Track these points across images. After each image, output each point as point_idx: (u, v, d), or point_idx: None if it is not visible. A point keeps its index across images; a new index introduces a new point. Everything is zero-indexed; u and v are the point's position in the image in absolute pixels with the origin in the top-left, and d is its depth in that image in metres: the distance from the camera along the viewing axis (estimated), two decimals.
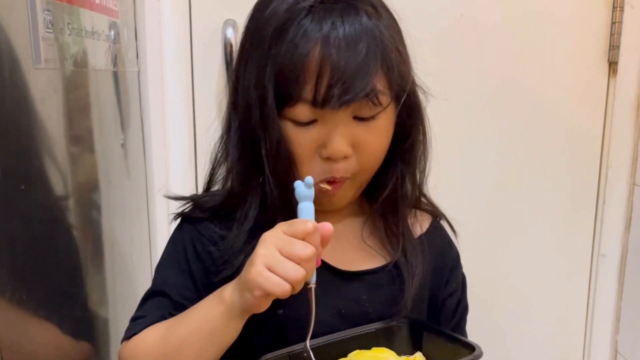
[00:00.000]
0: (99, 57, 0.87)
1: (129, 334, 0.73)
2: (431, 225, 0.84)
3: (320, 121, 0.67)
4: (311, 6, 0.65)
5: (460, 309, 0.85)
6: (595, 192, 1.56)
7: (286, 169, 0.69)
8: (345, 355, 0.71)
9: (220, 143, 0.77)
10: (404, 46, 0.73)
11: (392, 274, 0.77)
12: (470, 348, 0.68)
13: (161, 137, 1.36)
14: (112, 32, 0.95)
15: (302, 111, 0.66)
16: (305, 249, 0.59)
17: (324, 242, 0.62)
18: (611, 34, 1.46)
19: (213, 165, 0.78)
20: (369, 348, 0.72)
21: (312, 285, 0.63)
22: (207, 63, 1.40)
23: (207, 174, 0.80)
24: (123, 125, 1.07)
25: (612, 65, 1.48)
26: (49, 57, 0.67)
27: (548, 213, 1.56)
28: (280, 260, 0.59)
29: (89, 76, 0.84)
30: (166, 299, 0.74)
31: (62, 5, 0.69)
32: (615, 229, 1.54)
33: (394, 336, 0.75)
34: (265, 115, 0.66)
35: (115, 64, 0.98)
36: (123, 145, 1.06)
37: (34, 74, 0.63)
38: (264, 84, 0.66)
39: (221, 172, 0.79)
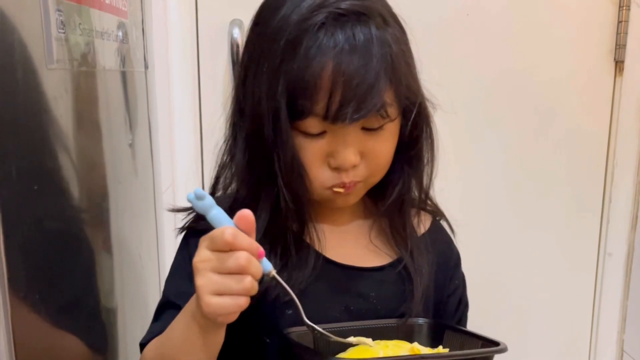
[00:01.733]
0: (108, 57, 0.87)
1: (140, 344, 0.74)
2: (432, 224, 0.85)
3: (329, 132, 0.68)
4: (323, 22, 0.65)
5: (461, 306, 0.86)
6: (602, 191, 1.56)
7: (299, 181, 0.69)
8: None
9: (226, 147, 0.77)
10: (412, 56, 0.73)
11: (399, 272, 0.78)
12: (494, 344, 0.69)
13: (167, 136, 1.37)
14: (121, 32, 0.95)
15: (312, 124, 0.67)
16: (238, 259, 0.56)
17: (250, 227, 0.59)
18: (617, 33, 1.46)
19: (219, 169, 0.78)
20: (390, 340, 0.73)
21: (273, 273, 0.61)
22: (213, 63, 1.40)
23: (213, 178, 0.80)
24: (131, 125, 1.07)
25: (619, 64, 1.48)
26: (60, 57, 0.67)
27: (554, 212, 1.56)
28: (221, 281, 0.57)
29: (98, 76, 0.84)
30: (175, 309, 0.73)
31: (73, 6, 0.70)
32: (622, 227, 1.54)
33: (413, 334, 0.76)
34: (279, 130, 0.67)
35: (123, 63, 0.98)
36: (131, 145, 1.07)
37: (47, 74, 0.63)
38: (277, 98, 0.66)
39: (226, 174, 0.79)
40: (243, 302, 0.58)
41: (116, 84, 0.97)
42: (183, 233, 0.79)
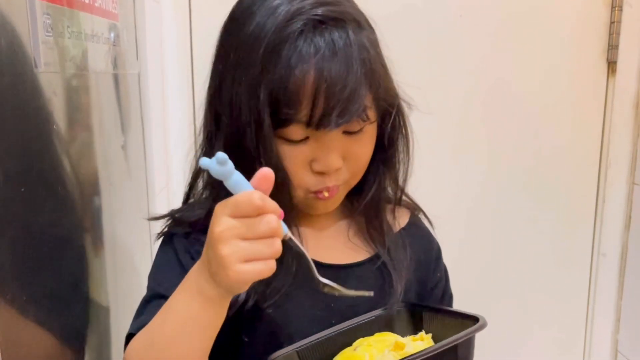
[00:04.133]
0: (99, 60, 0.87)
1: (127, 335, 0.72)
2: (410, 219, 0.86)
3: (312, 138, 0.69)
4: (302, 29, 0.65)
5: (446, 297, 0.87)
6: (595, 191, 1.57)
7: (283, 188, 0.69)
8: (350, 345, 0.72)
9: (201, 154, 0.77)
10: (383, 58, 0.74)
11: (378, 267, 0.79)
12: (474, 319, 0.69)
13: (162, 138, 1.37)
14: (112, 35, 0.95)
15: (295, 131, 0.67)
16: (269, 222, 0.55)
17: (270, 187, 0.57)
18: (610, 34, 1.46)
19: (192, 177, 0.78)
20: (371, 335, 0.74)
21: (289, 235, 0.59)
22: (207, 64, 1.40)
23: (187, 187, 0.80)
24: (123, 127, 1.07)
25: (612, 64, 1.48)
26: (49, 61, 0.67)
27: (548, 212, 1.56)
28: (250, 247, 0.55)
29: (89, 79, 0.84)
30: (164, 299, 0.71)
31: (61, 9, 0.70)
32: (615, 228, 1.55)
33: (394, 321, 0.77)
34: (262, 140, 0.67)
35: (115, 66, 0.99)
36: (124, 147, 1.07)
37: (35, 78, 0.64)
38: (259, 108, 0.66)
39: (199, 182, 0.79)
40: (273, 265, 0.56)
41: (108, 87, 0.97)
42: (162, 237, 0.79)
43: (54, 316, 0.72)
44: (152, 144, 1.28)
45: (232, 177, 0.56)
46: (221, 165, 0.55)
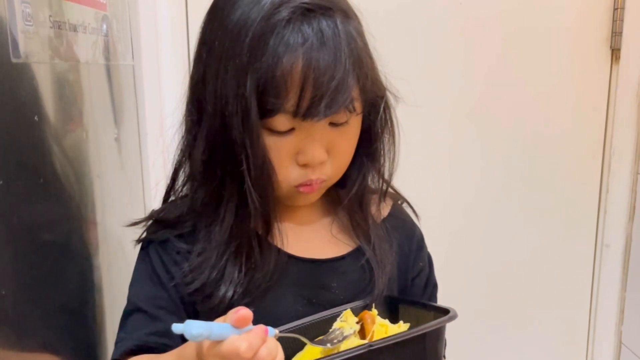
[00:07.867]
0: (86, 50, 0.86)
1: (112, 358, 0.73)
2: (392, 209, 0.85)
3: (297, 129, 0.67)
4: (289, 18, 0.64)
5: (429, 286, 0.86)
6: (599, 182, 1.55)
7: (267, 180, 0.69)
8: (324, 334, 0.71)
9: (183, 147, 0.75)
10: (369, 49, 0.72)
11: (360, 261, 0.78)
12: (446, 312, 0.69)
13: (158, 130, 1.36)
14: (103, 25, 0.94)
15: (281, 121, 0.66)
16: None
17: (250, 320, 0.56)
18: (613, 20, 1.44)
19: (174, 169, 0.77)
20: None
21: (278, 334, 0.60)
22: None
23: (169, 179, 0.78)
24: (116, 119, 1.06)
25: (615, 52, 1.46)
26: (30, 50, 0.66)
27: (551, 203, 1.55)
28: None
29: (78, 69, 0.83)
30: (142, 314, 0.73)
31: None
32: (619, 219, 1.52)
33: None
34: (248, 130, 0.66)
35: (106, 57, 0.97)
36: (117, 140, 1.06)
37: (13, 68, 0.62)
38: (246, 97, 0.64)
39: (180, 174, 0.77)
40: None
41: (99, 78, 0.96)
42: (141, 243, 0.78)
43: (37, 313, 0.71)
44: (147, 136, 1.27)
45: (213, 334, 0.54)
46: (198, 337, 0.53)
